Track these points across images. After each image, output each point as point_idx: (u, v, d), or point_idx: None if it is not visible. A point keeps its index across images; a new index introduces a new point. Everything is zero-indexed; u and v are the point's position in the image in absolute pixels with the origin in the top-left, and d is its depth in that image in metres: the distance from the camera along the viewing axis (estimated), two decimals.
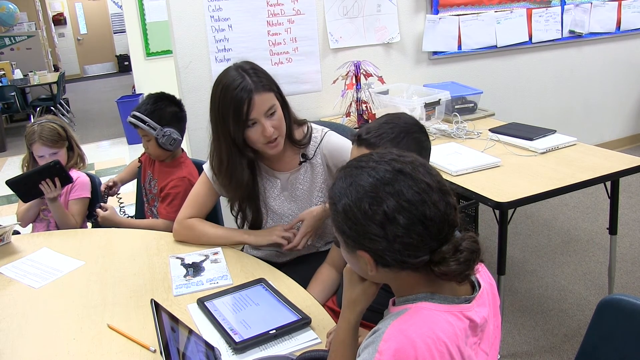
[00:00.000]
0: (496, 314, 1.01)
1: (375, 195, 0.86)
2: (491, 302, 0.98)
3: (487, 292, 0.98)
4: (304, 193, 1.70)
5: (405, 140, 1.27)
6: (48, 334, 1.30)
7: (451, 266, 0.85)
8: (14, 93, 6.78)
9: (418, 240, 0.86)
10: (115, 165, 5.53)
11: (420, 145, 1.30)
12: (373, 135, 1.28)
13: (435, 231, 0.86)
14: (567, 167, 2.14)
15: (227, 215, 1.88)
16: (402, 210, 0.85)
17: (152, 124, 2.02)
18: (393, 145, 1.26)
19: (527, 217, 3.49)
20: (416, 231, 0.85)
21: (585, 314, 2.50)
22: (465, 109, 2.95)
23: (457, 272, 0.86)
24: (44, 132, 2.12)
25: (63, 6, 12.52)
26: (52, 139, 2.14)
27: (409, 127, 1.31)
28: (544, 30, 3.74)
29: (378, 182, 0.87)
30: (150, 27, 6.42)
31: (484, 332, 0.93)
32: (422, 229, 0.85)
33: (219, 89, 1.52)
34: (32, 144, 2.14)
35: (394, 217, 0.85)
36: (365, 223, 0.87)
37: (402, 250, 0.86)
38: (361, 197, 0.87)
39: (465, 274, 0.87)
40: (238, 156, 1.58)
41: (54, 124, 2.18)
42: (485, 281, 0.99)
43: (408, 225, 0.85)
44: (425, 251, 0.87)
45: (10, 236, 1.82)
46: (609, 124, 4.42)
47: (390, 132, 1.27)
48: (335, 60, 3.12)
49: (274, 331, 1.21)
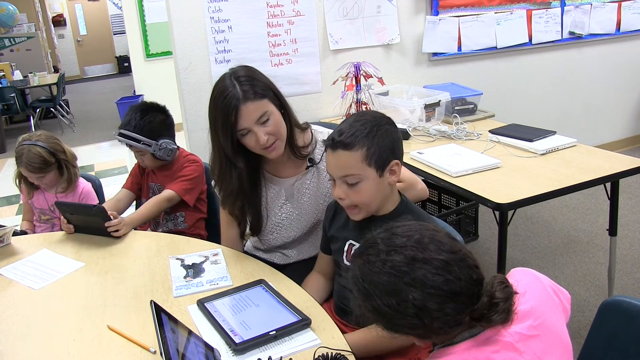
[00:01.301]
0: (561, 319, 0.99)
1: (398, 290, 0.86)
2: (547, 310, 0.97)
3: (533, 299, 0.96)
4: (311, 199, 1.68)
5: (379, 132, 1.28)
6: (48, 336, 1.30)
7: (493, 320, 0.86)
8: (14, 94, 6.77)
9: (454, 313, 0.87)
10: (115, 167, 5.53)
11: (391, 137, 1.31)
12: (347, 136, 1.27)
13: (467, 300, 0.87)
14: (567, 168, 2.14)
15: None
16: (430, 297, 0.85)
17: (147, 141, 2.01)
18: (368, 140, 1.26)
19: (527, 218, 3.49)
20: (449, 308, 0.86)
21: (585, 315, 2.49)
22: (465, 110, 2.95)
23: (501, 321, 0.87)
24: (29, 158, 2.07)
25: (63, 7, 12.52)
26: (37, 166, 2.08)
27: (379, 120, 1.31)
28: (544, 32, 3.74)
29: (395, 277, 0.87)
30: (150, 28, 6.43)
31: (535, 342, 0.91)
32: (454, 305, 0.86)
33: (212, 98, 1.51)
34: (19, 165, 2.12)
35: (424, 306, 0.85)
36: (398, 317, 0.87)
37: (442, 326, 0.87)
38: (385, 295, 0.87)
39: (509, 318, 0.88)
40: (228, 166, 1.56)
41: (42, 148, 2.09)
42: (531, 291, 0.97)
43: (440, 308, 0.85)
44: (463, 316, 0.88)
45: (10, 237, 1.82)
46: (609, 125, 4.42)
47: (363, 128, 1.27)
48: (335, 61, 3.12)
49: (274, 332, 1.21)
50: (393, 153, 1.31)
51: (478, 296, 0.87)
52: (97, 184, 2.37)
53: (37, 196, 2.25)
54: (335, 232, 1.47)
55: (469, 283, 0.87)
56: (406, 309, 0.85)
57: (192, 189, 2.10)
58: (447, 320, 0.86)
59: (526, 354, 0.88)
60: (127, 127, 2.02)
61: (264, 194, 1.69)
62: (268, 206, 1.69)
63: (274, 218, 1.70)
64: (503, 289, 0.87)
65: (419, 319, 0.86)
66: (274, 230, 1.72)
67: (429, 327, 0.87)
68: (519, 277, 1.00)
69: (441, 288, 0.85)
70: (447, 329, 0.88)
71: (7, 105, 6.86)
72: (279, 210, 1.69)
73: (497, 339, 0.88)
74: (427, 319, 0.85)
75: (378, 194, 1.31)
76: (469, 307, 0.87)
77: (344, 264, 1.43)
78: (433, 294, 0.85)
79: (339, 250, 1.44)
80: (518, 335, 0.89)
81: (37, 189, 2.23)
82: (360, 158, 1.26)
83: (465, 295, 0.86)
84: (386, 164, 1.29)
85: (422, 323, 0.86)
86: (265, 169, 1.68)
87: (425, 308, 0.85)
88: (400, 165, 1.33)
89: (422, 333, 0.89)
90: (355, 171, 1.27)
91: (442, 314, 0.85)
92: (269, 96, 1.50)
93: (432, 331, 0.88)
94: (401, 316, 0.87)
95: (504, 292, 0.87)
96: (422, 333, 0.89)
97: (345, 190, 1.30)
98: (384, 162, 1.28)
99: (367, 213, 1.34)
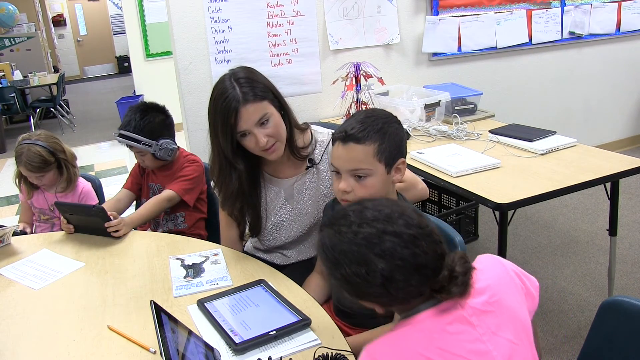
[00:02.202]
0: (521, 300, 1.02)
1: (367, 260, 0.90)
2: (504, 289, 1.00)
3: (491, 278, 1.00)
4: (310, 199, 1.68)
5: (390, 129, 1.31)
6: (48, 336, 1.30)
7: (452, 292, 0.91)
8: (14, 94, 6.77)
9: (418, 284, 0.92)
10: (115, 167, 5.53)
11: (400, 135, 1.34)
12: (358, 130, 1.29)
13: (431, 273, 0.91)
14: (567, 168, 2.14)
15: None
16: (397, 269, 0.90)
17: (147, 141, 2.01)
18: (380, 136, 1.29)
19: (527, 218, 3.49)
20: (414, 279, 0.91)
21: (585, 315, 2.49)
22: (465, 110, 2.95)
23: (458, 293, 0.91)
24: (29, 158, 2.07)
25: (63, 7, 12.52)
26: (36, 165, 2.08)
27: (389, 119, 1.35)
28: (544, 32, 3.74)
29: (366, 248, 0.91)
30: (150, 28, 6.43)
31: (489, 317, 0.94)
32: (419, 277, 0.91)
33: (212, 99, 1.50)
34: (19, 164, 2.12)
35: (391, 277, 0.90)
36: (366, 286, 0.92)
37: (405, 296, 0.93)
38: (355, 264, 0.91)
39: (466, 291, 0.92)
40: (228, 168, 1.56)
41: (41, 147, 2.09)
42: (490, 270, 1.01)
43: (406, 279, 0.91)
44: (425, 287, 0.92)
45: (10, 237, 1.82)
46: (609, 125, 4.42)
47: (375, 124, 1.30)
48: (335, 61, 3.12)
49: (274, 332, 1.21)
50: (400, 151, 1.34)
51: (440, 269, 0.92)
52: (97, 184, 2.37)
53: (37, 196, 2.25)
54: None
55: (433, 257, 0.92)
56: (374, 278, 0.90)
57: (192, 189, 2.10)
58: (411, 290, 0.92)
59: (479, 327, 0.92)
60: (127, 128, 2.02)
61: (263, 195, 1.68)
62: (267, 207, 1.69)
63: (274, 219, 1.70)
64: (463, 264, 0.92)
65: (384, 288, 0.90)
66: (273, 230, 1.72)
67: (393, 297, 0.92)
68: (481, 260, 1.05)
69: (408, 260, 0.90)
70: (409, 299, 0.93)
71: (7, 105, 6.86)
72: (279, 211, 1.69)
73: (452, 312, 0.92)
74: (392, 289, 0.90)
75: (382, 190, 1.32)
76: (431, 279, 0.91)
77: None
78: (400, 265, 0.89)
79: None
80: (472, 310, 0.93)
81: (37, 188, 2.23)
82: (372, 152, 1.28)
83: (429, 268, 0.91)
84: (394, 162, 1.32)
85: (387, 292, 0.91)
86: (265, 169, 1.67)
87: (392, 278, 0.90)
88: (405, 164, 1.35)
89: (385, 302, 0.95)
90: (366, 165, 1.29)
91: (407, 285, 0.90)
92: (269, 97, 1.50)
93: (396, 300, 0.94)
94: (368, 285, 0.91)
95: (463, 266, 0.92)
96: (385, 302, 0.95)
97: (352, 183, 1.31)
98: (392, 159, 1.31)
99: None
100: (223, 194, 1.62)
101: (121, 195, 2.21)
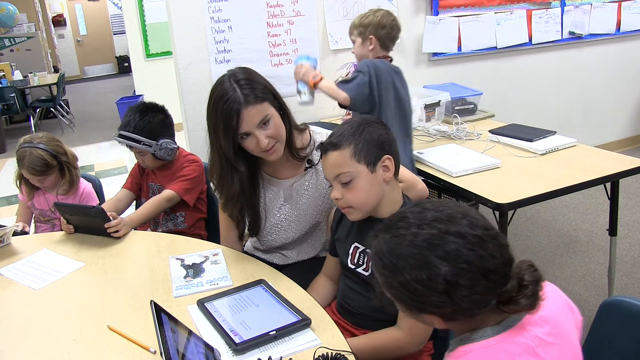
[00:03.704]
0: (576, 336, 0.96)
1: (429, 263, 0.83)
2: (564, 320, 0.94)
3: (553, 307, 0.94)
4: (309, 200, 1.68)
5: (365, 130, 1.31)
6: (48, 336, 1.30)
7: (521, 303, 0.83)
8: (14, 94, 6.77)
9: (485, 292, 0.83)
10: (115, 167, 5.53)
11: (378, 134, 1.32)
12: (335, 137, 1.32)
13: (499, 279, 0.84)
14: (567, 168, 2.14)
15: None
16: (462, 272, 0.82)
17: (147, 141, 2.01)
18: (354, 138, 1.29)
19: (527, 218, 3.49)
20: (481, 285, 0.83)
21: (585, 315, 2.46)
22: (465, 110, 2.95)
23: (528, 305, 0.84)
24: (31, 161, 2.06)
25: (63, 7, 12.52)
26: (39, 169, 2.07)
27: (366, 120, 1.35)
28: (544, 32, 3.74)
29: (428, 250, 0.83)
30: (150, 28, 6.43)
31: (553, 349, 0.88)
32: (486, 283, 0.83)
33: (212, 101, 1.49)
34: (21, 167, 2.12)
35: (456, 282, 0.82)
36: (427, 294, 0.84)
37: (470, 306, 0.84)
38: (415, 269, 0.83)
39: (536, 304, 0.84)
40: (229, 169, 1.56)
41: (44, 150, 2.08)
42: (552, 299, 0.94)
43: (472, 284, 0.82)
44: (492, 297, 0.84)
45: (10, 237, 1.82)
46: (609, 125, 4.42)
47: (350, 128, 1.31)
48: (335, 61, 3.12)
49: (274, 332, 1.21)
50: (382, 149, 1.32)
51: (508, 277, 0.84)
52: (97, 184, 2.37)
53: (38, 197, 2.24)
54: (342, 235, 1.48)
55: (501, 262, 0.84)
56: (437, 284, 0.82)
57: (192, 189, 2.10)
58: (477, 299, 0.83)
59: None
60: (127, 128, 2.02)
61: (262, 195, 1.68)
62: (266, 207, 1.69)
63: (273, 219, 1.70)
64: (532, 273, 0.84)
65: (448, 296, 0.82)
66: (272, 231, 1.72)
67: (457, 306, 0.83)
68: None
69: (474, 263, 0.82)
70: (474, 310, 0.84)
71: (7, 105, 6.86)
72: (278, 211, 1.69)
73: (519, 341, 0.85)
74: (456, 296, 0.82)
75: (372, 191, 1.31)
76: (499, 287, 0.83)
77: (348, 266, 1.43)
78: (465, 269, 0.81)
79: (345, 252, 1.45)
80: (538, 340, 0.86)
81: (38, 190, 2.23)
82: (348, 155, 1.29)
83: (497, 273, 0.83)
84: (377, 159, 1.30)
85: (450, 300, 0.82)
86: (264, 170, 1.67)
87: (457, 284, 0.81)
88: (392, 161, 1.33)
89: (448, 312, 0.85)
90: (346, 168, 1.29)
91: (473, 292, 0.82)
92: (269, 99, 1.50)
93: (459, 311, 0.84)
94: (430, 292, 0.83)
95: (532, 275, 0.84)
96: (448, 312, 0.85)
97: (340, 190, 1.32)
98: (373, 157, 1.30)
99: (364, 213, 1.34)
100: (225, 196, 1.61)
101: (121, 195, 2.21)
